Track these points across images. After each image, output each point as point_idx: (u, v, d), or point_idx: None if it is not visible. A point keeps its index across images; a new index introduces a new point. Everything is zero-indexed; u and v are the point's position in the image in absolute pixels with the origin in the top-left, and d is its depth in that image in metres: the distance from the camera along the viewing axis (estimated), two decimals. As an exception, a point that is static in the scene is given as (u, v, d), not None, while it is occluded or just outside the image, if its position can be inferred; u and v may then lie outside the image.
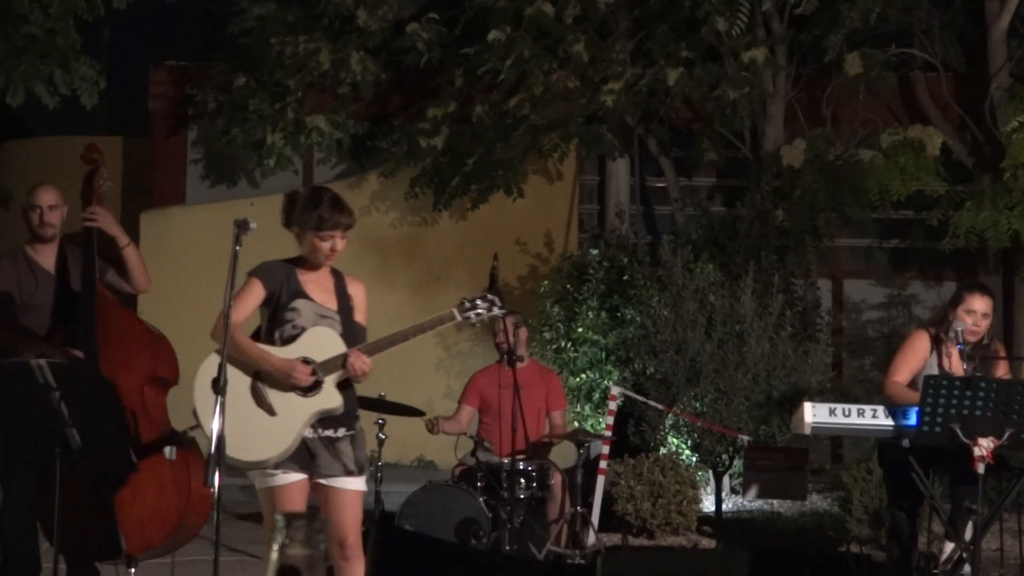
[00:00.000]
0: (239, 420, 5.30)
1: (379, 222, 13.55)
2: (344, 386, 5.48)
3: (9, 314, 6.36)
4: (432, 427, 8.30)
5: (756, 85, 11.97)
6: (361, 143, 14.05)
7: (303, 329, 5.46)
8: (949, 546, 6.99)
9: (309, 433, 5.41)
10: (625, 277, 11.68)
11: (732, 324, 10.54)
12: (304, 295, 5.51)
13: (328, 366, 5.41)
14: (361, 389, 5.90)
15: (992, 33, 12.50)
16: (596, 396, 11.57)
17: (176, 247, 13.46)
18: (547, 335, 11.92)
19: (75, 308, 6.24)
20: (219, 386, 5.21)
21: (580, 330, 11.76)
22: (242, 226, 5.40)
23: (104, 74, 11.84)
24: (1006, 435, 6.19)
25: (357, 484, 5.50)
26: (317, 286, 5.57)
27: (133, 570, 6.15)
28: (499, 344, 8.50)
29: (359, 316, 5.64)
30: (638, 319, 11.06)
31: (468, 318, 5.61)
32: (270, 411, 5.40)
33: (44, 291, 6.38)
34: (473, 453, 8.20)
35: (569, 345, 11.81)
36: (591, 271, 12.01)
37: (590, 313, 11.78)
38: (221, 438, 5.12)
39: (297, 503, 5.39)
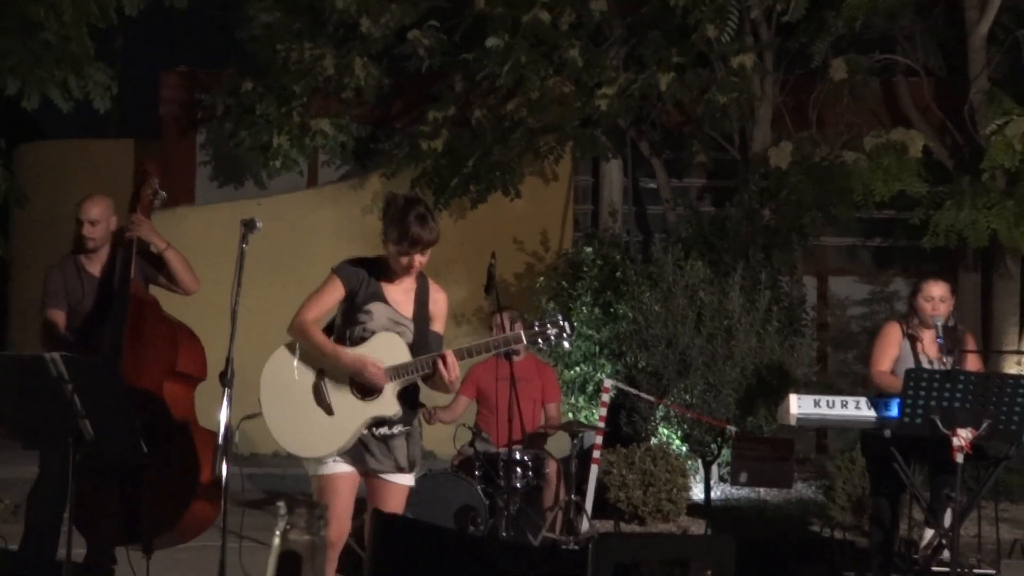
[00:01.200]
0: (298, 416, 5.36)
1: (381, 222, 13.65)
2: (406, 388, 5.42)
3: (55, 324, 6.57)
4: (429, 417, 8.32)
5: (745, 90, 12.11)
6: (364, 145, 14.19)
7: (373, 333, 5.38)
8: (929, 533, 7.16)
9: (364, 431, 5.39)
10: (618, 274, 11.79)
11: (721, 319, 10.65)
12: (382, 299, 5.42)
13: (392, 373, 5.34)
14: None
15: (972, 39, 12.67)
16: (590, 388, 11.67)
17: (185, 246, 13.12)
18: (542, 330, 12.04)
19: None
20: (226, 379, 5.28)
21: (575, 325, 11.82)
22: (249, 225, 5.42)
23: (116, 79, 11.90)
24: (984, 426, 6.32)
25: (405, 480, 5.49)
26: (397, 290, 5.47)
27: (148, 558, 6.26)
28: (495, 339, 8.65)
29: (436, 326, 5.52)
30: (630, 314, 11.17)
31: (536, 343, 5.45)
32: (328, 410, 5.36)
33: (91, 296, 6.59)
34: (471, 443, 8.33)
35: (564, 339, 11.93)
36: (585, 268, 12.14)
37: (584, 309, 11.91)
38: (229, 428, 5.20)
39: (343, 494, 5.38)
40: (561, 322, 5.45)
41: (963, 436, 6.30)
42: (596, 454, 9.40)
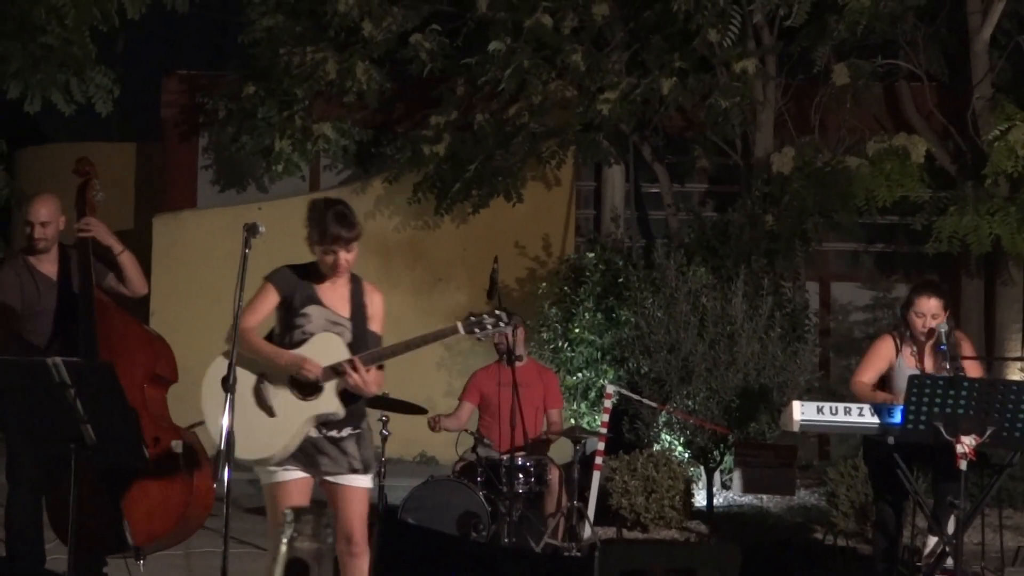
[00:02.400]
0: (241, 419, 5.36)
1: (383, 226, 13.71)
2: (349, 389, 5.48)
3: (11, 328, 6.51)
4: (434, 425, 8.45)
5: (747, 95, 12.12)
6: (366, 150, 14.21)
7: (312, 335, 5.48)
8: (932, 540, 7.12)
9: (314, 433, 5.45)
10: (620, 279, 11.82)
11: (723, 325, 10.64)
12: (317, 301, 5.52)
13: (330, 372, 5.42)
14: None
15: (974, 45, 12.70)
16: (592, 394, 11.70)
17: (187, 250, 13.64)
18: (545, 335, 12.07)
19: (76, 313, 6.39)
20: (229, 384, 5.27)
21: (577, 331, 11.91)
22: (251, 230, 5.46)
23: (118, 82, 11.91)
24: (988, 433, 6.30)
25: (362, 481, 5.55)
26: (332, 292, 5.57)
27: (142, 563, 6.28)
28: (498, 344, 8.62)
29: (374, 325, 5.63)
30: (633, 320, 11.16)
31: (473, 333, 5.53)
32: (270, 412, 5.45)
33: (47, 298, 6.52)
34: (473, 449, 8.32)
35: (566, 345, 11.96)
36: (587, 274, 12.16)
37: (586, 314, 11.93)
38: (230, 434, 5.21)
39: (297, 500, 5.43)
40: (496, 312, 5.60)
41: (967, 443, 6.28)
42: (598, 460, 9.39)
